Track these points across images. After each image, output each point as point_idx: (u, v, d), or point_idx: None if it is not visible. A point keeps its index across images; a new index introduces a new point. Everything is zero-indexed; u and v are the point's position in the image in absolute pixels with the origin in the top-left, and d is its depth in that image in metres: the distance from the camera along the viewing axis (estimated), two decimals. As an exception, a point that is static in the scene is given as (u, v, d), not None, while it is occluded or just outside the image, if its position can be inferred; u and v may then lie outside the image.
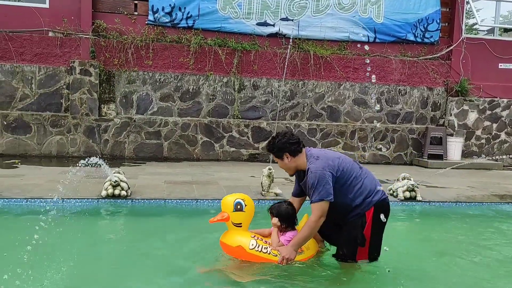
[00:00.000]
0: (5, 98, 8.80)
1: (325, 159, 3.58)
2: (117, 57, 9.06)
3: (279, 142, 3.64)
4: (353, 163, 3.72)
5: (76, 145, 8.95)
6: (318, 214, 3.49)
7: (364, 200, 3.58)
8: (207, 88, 9.56)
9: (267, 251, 3.62)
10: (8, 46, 8.70)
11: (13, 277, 3.03)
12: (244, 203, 3.70)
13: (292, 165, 3.68)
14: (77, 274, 3.43)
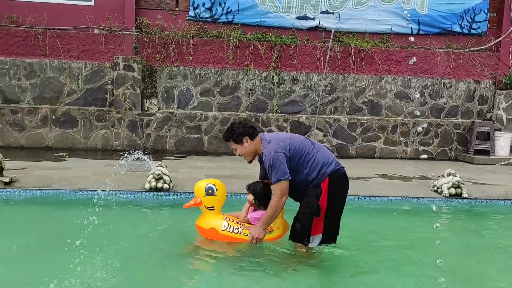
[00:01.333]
0: (54, 94, 9.17)
1: (277, 141, 3.74)
2: (159, 53, 9.24)
3: (237, 127, 3.84)
4: (304, 140, 3.88)
5: (120, 139, 9.22)
6: (278, 193, 3.67)
7: (319, 172, 3.73)
8: (247, 82, 9.59)
9: (238, 231, 3.88)
10: (56, 43, 9.05)
11: (64, 269, 3.17)
12: (215, 188, 3.93)
13: (251, 149, 3.83)
14: (125, 265, 3.55)
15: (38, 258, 3.74)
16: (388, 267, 3.84)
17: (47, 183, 5.92)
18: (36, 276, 3.34)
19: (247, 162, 3.97)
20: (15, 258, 3.73)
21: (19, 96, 9.08)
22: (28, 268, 3.55)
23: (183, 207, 4.02)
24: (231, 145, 3.94)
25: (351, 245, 4.20)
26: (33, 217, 4.98)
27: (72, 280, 3.07)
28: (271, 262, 3.74)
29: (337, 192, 3.79)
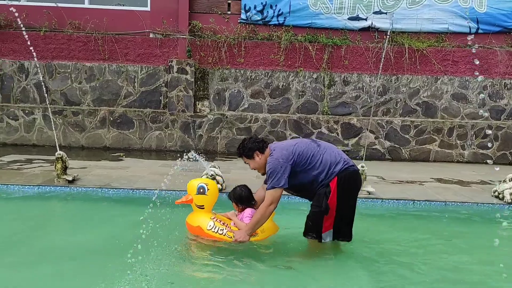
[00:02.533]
0: (112, 96, 9.57)
1: (280, 150, 3.84)
2: (211, 56, 9.43)
3: (247, 143, 3.97)
4: (310, 143, 3.95)
5: (173, 140, 9.48)
6: (269, 200, 3.77)
7: (327, 172, 3.79)
8: (297, 84, 9.58)
9: (222, 233, 3.95)
10: (115, 47, 9.45)
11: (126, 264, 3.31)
12: (207, 187, 4.05)
13: (262, 162, 3.92)
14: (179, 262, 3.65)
15: (98, 252, 3.93)
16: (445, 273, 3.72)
17: (107, 182, 6.19)
18: (93, 271, 3.52)
19: (261, 174, 4.08)
20: (77, 252, 3.93)
21: (80, 98, 9.55)
22: (89, 261, 3.74)
23: (175, 203, 4.16)
24: (244, 160, 4.05)
25: (401, 250, 4.11)
26: (94, 214, 5.22)
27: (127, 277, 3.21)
28: (278, 258, 3.86)
29: (347, 190, 3.81)
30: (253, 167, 4.02)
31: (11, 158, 7.78)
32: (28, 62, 9.42)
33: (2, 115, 9.36)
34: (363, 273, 3.73)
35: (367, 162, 6.50)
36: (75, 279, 3.40)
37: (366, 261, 3.97)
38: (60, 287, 3.33)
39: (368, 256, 4.11)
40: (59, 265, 3.63)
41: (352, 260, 4.04)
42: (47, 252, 3.90)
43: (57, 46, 9.40)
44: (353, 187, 3.90)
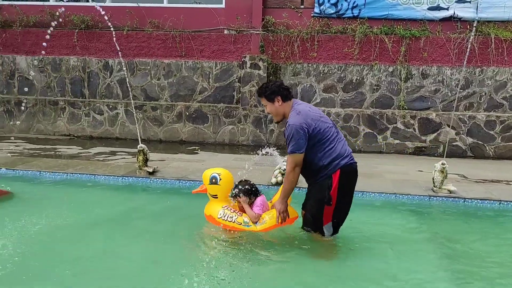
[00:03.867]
0: (188, 92, 9.92)
1: (305, 116, 3.71)
2: (283, 50, 9.44)
3: (273, 85, 3.86)
4: (332, 126, 3.84)
5: (245, 135, 9.63)
6: (291, 165, 3.72)
7: (332, 162, 3.70)
8: (371, 78, 9.31)
9: (232, 220, 4.01)
10: (191, 44, 9.77)
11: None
12: (219, 177, 4.11)
13: (281, 110, 3.84)
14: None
15: (175, 241, 4.11)
16: None
17: (184, 174, 6.44)
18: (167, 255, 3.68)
19: (275, 122, 4.04)
20: (154, 240, 4.14)
21: (158, 94, 10.00)
22: (164, 248, 3.93)
23: (192, 192, 4.34)
24: (262, 101, 3.94)
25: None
26: (172, 204, 5.46)
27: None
28: (278, 250, 3.88)
29: (347, 185, 3.80)
30: (269, 110, 3.92)
31: (97, 150, 8.35)
32: (112, 60, 10.02)
33: (89, 110, 10.06)
34: (444, 274, 3.57)
35: (447, 159, 6.18)
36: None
37: (452, 262, 3.80)
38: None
39: (453, 256, 3.93)
40: (155, 244, 3.89)
41: (435, 261, 3.88)
42: (142, 234, 4.21)
43: (138, 44, 9.90)
44: (353, 183, 3.88)
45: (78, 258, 3.70)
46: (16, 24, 10.09)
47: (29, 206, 5.02)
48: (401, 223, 4.91)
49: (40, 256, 3.68)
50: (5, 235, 3.90)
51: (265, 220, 3.99)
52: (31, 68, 10.24)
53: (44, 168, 6.56)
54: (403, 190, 5.90)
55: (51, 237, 4.10)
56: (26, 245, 3.81)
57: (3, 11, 10.24)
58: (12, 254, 3.61)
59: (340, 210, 3.85)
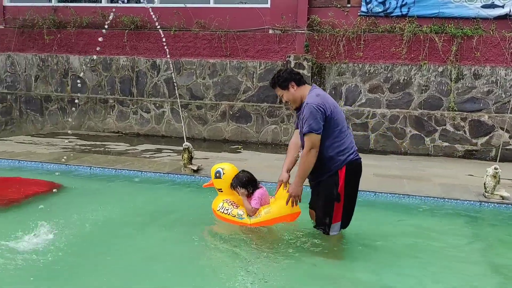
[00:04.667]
0: (232, 91, 10.01)
1: (324, 98, 3.68)
2: (328, 50, 9.34)
3: (284, 73, 3.84)
4: (344, 120, 3.81)
5: (288, 134, 9.60)
6: (308, 146, 3.62)
7: (337, 155, 3.67)
8: (419, 78, 9.04)
9: (227, 213, 4.13)
10: (236, 44, 9.85)
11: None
12: (223, 172, 4.22)
13: (297, 95, 3.79)
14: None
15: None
16: None
17: (227, 173, 6.50)
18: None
19: (293, 109, 3.96)
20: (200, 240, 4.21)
21: (203, 93, 10.16)
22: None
23: (203, 186, 4.54)
24: (277, 92, 3.90)
25: None
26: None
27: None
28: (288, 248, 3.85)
29: (353, 180, 3.79)
30: (286, 98, 3.85)
31: (144, 147, 8.59)
32: (159, 59, 10.28)
33: (137, 108, 10.37)
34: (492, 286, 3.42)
35: (501, 163, 5.91)
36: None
37: (502, 274, 3.63)
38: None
39: (504, 266, 3.75)
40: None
41: (484, 270, 3.73)
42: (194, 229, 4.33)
43: (184, 44, 10.10)
44: (358, 177, 3.87)
45: (123, 250, 3.83)
46: (70, 25, 10.55)
47: (80, 199, 5.25)
48: (449, 229, 4.74)
49: (92, 247, 3.84)
50: (59, 226, 4.09)
51: (260, 215, 3.99)
52: (84, 67, 10.68)
53: (95, 163, 6.82)
54: (452, 195, 5.69)
55: (101, 229, 4.26)
56: (79, 236, 3.98)
57: (59, 12, 10.73)
58: (67, 244, 3.78)
59: (349, 208, 3.85)
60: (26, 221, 4.15)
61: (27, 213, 4.66)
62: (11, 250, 3.60)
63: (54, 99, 10.74)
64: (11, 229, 3.96)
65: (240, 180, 4.13)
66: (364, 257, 3.87)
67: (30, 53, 10.91)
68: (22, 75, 11.03)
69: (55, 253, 3.61)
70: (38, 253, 3.57)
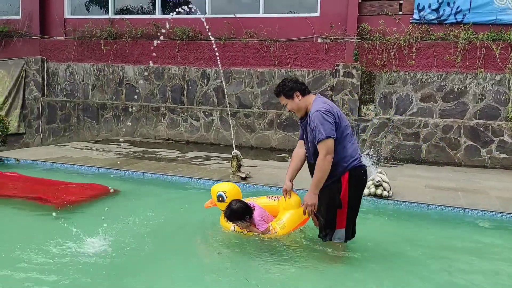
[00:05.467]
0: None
1: (331, 107, 3.69)
2: (379, 58, 9.19)
3: (289, 82, 3.83)
4: (349, 127, 3.80)
5: (336, 143, 9.50)
6: (324, 152, 3.58)
7: (341, 161, 3.66)
8: (475, 87, 8.71)
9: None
10: (285, 53, 9.91)
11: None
12: (225, 195, 4.17)
13: (302, 104, 3.79)
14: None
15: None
16: None
17: (275, 181, 6.53)
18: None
19: (299, 118, 3.91)
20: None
21: (251, 101, 10.28)
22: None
23: (204, 207, 4.44)
24: (282, 100, 3.89)
25: None
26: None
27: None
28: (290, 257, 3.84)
29: (356, 187, 3.76)
30: (290, 107, 3.84)
31: (193, 155, 8.79)
32: (209, 68, 10.51)
33: (187, 116, 10.64)
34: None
35: None
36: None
37: None
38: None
39: None
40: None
41: None
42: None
43: (234, 54, 10.28)
44: (361, 185, 3.85)
45: (177, 255, 3.93)
46: (126, 36, 11.01)
47: (134, 204, 5.44)
48: (508, 246, 4.51)
49: (146, 250, 3.97)
50: (116, 230, 4.25)
51: (276, 231, 4.03)
52: (137, 77, 11.10)
53: (147, 169, 7.05)
54: (511, 209, 5.42)
55: (154, 233, 4.39)
56: (134, 239, 4.13)
57: (115, 24, 11.24)
58: (123, 247, 3.93)
59: (352, 217, 3.83)
60: (84, 224, 4.35)
61: (85, 217, 4.89)
62: (70, 252, 3.78)
63: (110, 107, 11.22)
64: (69, 231, 4.16)
65: (236, 214, 4.03)
66: (412, 272, 3.75)
67: (88, 63, 11.48)
68: (80, 84, 11.61)
69: (112, 256, 3.76)
70: (95, 256, 3.72)
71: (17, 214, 5.00)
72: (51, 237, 4.02)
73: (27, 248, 3.81)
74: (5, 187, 5.78)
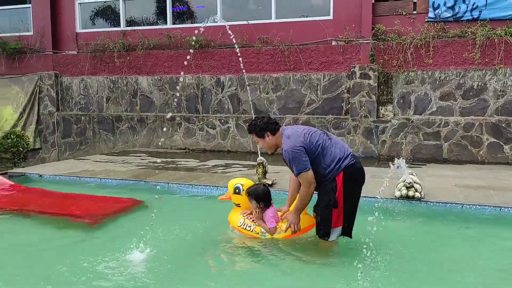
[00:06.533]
0: (296, 104, 10.01)
1: (295, 136, 3.88)
2: (395, 59, 9.13)
3: (261, 122, 4.05)
4: (322, 134, 3.96)
5: (355, 146, 9.44)
6: (305, 183, 3.85)
7: (335, 166, 3.82)
8: (495, 83, 8.62)
9: (250, 229, 4.27)
10: (299, 58, 9.87)
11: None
12: (242, 188, 4.33)
13: (272, 143, 4.05)
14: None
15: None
16: None
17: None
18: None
19: (270, 153, 4.19)
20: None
21: (267, 107, 10.23)
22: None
23: (218, 199, 4.64)
24: (253, 138, 4.15)
25: None
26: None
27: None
28: (285, 257, 3.95)
29: (351, 185, 3.86)
30: (262, 145, 4.14)
31: (213, 163, 8.74)
32: (223, 76, 10.49)
33: (203, 124, 10.60)
34: None
35: None
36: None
37: None
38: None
39: None
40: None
41: None
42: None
43: (247, 60, 10.25)
44: (358, 183, 3.93)
45: (213, 267, 3.87)
46: (139, 47, 11.02)
47: (163, 215, 5.37)
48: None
49: (179, 262, 3.91)
50: (148, 241, 4.20)
51: (282, 231, 4.18)
52: (151, 87, 11.09)
53: (171, 179, 7.00)
54: (547, 206, 5.31)
55: (188, 244, 4.34)
56: (166, 251, 4.08)
57: (127, 36, 11.26)
58: (157, 259, 3.88)
59: (350, 213, 3.93)
60: (116, 237, 4.30)
61: (115, 230, 4.84)
62: (105, 265, 3.73)
63: (125, 119, 11.22)
64: (102, 245, 4.11)
65: (257, 193, 4.21)
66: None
67: (101, 76, 11.50)
68: (95, 97, 11.63)
69: (146, 268, 3.71)
70: (129, 267, 3.68)
71: (49, 230, 4.96)
72: (90, 253, 3.97)
73: (63, 265, 3.76)
74: (33, 203, 5.75)
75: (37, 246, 4.38)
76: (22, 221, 5.26)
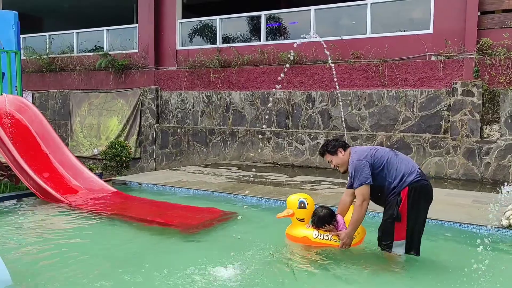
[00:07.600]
0: (389, 121, 9.63)
1: (362, 151, 4.12)
2: (503, 75, 8.43)
3: (332, 141, 4.39)
4: (389, 151, 4.14)
5: (455, 167, 8.81)
6: (360, 198, 3.99)
7: (400, 181, 3.93)
8: None
9: (328, 238, 4.36)
10: (394, 73, 9.51)
11: None
12: (306, 202, 4.47)
13: (345, 159, 4.23)
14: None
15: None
16: None
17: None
18: None
19: (341, 172, 4.34)
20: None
21: (359, 124, 9.97)
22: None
23: (277, 217, 4.58)
24: (327, 158, 4.35)
25: None
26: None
27: None
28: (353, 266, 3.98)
29: (416, 201, 3.92)
30: (335, 163, 4.29)
31: (301, 179, 8.68)
32: (314, 92, 10.44)
33: (292, 139, 10.62)
34: None
35: None
36: None
37: None
38: None
39: None
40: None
41: None
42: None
43: (340, 76, 10.11)
44: (423, 199, 3.97)
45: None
46: (233, 64, 11.41)
47: (256, 229, 5.44)
48: None
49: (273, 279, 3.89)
50: (243, 255, 4.25)
51: (355, 236, 4.30)
52: (243, 102, 11.39)
53: (260, 194, 7.07)
54: None
55: (278, 258, 4.32)
56: (260, 266, 4.09)
57: (223, 52, 11.72)
58: (253, 273, 3.90)
59: (413, 229, 3.97)
60: (211, 249, 4.41)
61: (212, 241, 4.98)
62: (209, 276, 3.83)
63: (217, 132, 11.62)
64: (197, 256, 4.23)
65: (323, 218, 4.39)
66: None
67: (197, 90, 12.07)
68: (190, 111, 12.22)
69: (245, 281, 3.74)
70: (230, 281, 3.73)
71: (147, 237, 5.24)
72: (188, 262, 4.11)
73: (166, 271, 3.93)
74: (131, 209, 6.14)
75: (135, 249, 4.66)
76: (119, 225, 5.63)
